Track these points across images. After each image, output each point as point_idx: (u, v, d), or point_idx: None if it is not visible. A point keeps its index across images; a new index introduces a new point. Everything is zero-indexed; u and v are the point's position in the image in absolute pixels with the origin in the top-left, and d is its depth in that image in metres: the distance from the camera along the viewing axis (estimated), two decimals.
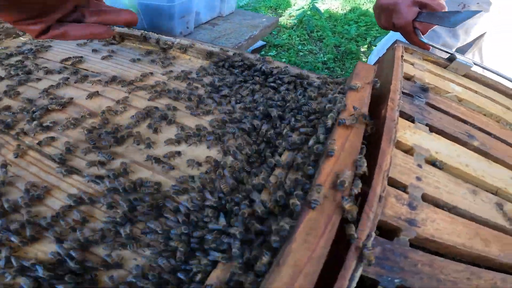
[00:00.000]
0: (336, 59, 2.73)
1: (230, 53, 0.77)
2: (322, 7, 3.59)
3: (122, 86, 0.70)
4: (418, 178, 0.40)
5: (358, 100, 0.48)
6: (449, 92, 0.61)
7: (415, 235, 0.35)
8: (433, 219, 0.37)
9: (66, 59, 0.79)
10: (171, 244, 0.38)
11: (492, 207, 0.42)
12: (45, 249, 0.40)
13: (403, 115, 0.49)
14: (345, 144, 0.39)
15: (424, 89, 0.58)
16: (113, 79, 0.71)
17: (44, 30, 0.51)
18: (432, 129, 0.49)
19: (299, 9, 3.28)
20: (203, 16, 1.28)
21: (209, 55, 0.78)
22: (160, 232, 0.40)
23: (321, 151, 0.41)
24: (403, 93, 0.54)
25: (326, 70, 2.58)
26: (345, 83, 0.55)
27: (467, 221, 0.38)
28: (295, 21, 3.22)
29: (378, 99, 0.55)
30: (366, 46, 2.97)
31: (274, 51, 2.72)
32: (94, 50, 0.83)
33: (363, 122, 0.44)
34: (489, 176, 0.45)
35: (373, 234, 0.31)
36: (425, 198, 0.39)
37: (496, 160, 0.50)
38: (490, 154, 0.50)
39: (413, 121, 0.49)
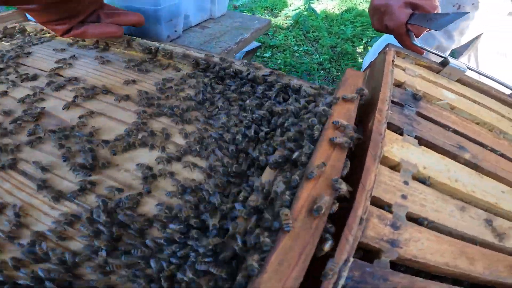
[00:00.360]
0: (332, 60, 2.75)
1: (216, 59, 0.77)
2: (318, 7, 3.61)
3: (102, 95, 0.70)
4: (404, 196, 0.40)
5: (345, 113, 0.47)
6: (440, 100, 0.61)
7: (397, 256, 0.34)
8: (417, 239, 0.36)
9: (55, 68, 0.78)
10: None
11: (481, 223, 0.42)
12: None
13: (391, 126, 0.49)
14: (327, 162, 0.38)
15: (415, 97, 0.58)
16: (93, 88, 0.70)
17: (68, 29, 0.67)
18: (422, 141, 0.49)
19: (295, 10, 3.29)
20: (193, 19, 1.27)
21: (195, 63, 0.78)
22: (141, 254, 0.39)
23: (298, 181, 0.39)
24: (392, 102, 0.54)
25: (322, 71, 2.60)
26: (333, 94, 0.55)
27: (452, 239, 0.38)
28: (291, 21, 3.24)
29: (367, 107, 0.55)
30: (362, 46, 3.00)
31: (269, 52, 2.73)
32: (73, 57, 0.83)
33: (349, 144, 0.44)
34: (480, 191, 0.45)
35: (351, 259, 0.30)
36: (410, 216, 0.39)
37: (488, 173, 0.50)
38: (482, 167, 0.49)
39: (401, 133, 0.48)
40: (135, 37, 0.87)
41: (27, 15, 1.03)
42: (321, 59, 2.71)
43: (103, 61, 0.79)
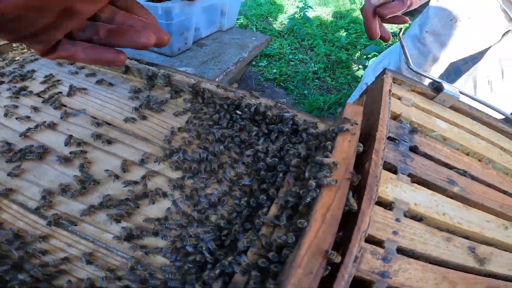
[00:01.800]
0: (326, 68, 2.94)
1: (213, 88, 0.87)
2: (312, 13, 3.82)
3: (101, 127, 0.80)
4: (395, 232, 0.51)
5: (345, 155, 0.58)
6: (434, 131, 0.72)
7: (387, 285, 0.45)
8: (406, 269, 0.48)
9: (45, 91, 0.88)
10: None
11: (464, 251, 0.53)
12: None
13: (386, 165, 0.61)
14: (326, 214, 0.49)
15: (410, 130, 0.69)
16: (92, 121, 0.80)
17: (49, 49, 0.47)
18: (414, 177, 0.60)
19: (289, 17, 3.47)
20: (203, 31, 1.42)
21: (195, 93, 0.88)
22: None
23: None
24: (388, 137, 0.66)
25: (316, 80, 2.77)
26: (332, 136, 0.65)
27: (436, 267, 0.50)
28: (286, 29, 3.42)
29: (364, 140, 0.66)
30: (356, 54, 3.19)
31: (265, 61, 2.86)
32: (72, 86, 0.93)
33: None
34: (466, 222, 0.57)
35: None
36: (401, 249, 0.50)
37: (475, 204, 0.61)
38: (469, 199, 0.61)
39: (395, 172, 0.60)
40: (134, 61, 0.97)
41: None
42: (316, 68, 2.88)
43: (94, 87, 0.90)
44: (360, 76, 2.87)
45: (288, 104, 2.54)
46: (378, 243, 0.50)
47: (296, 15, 3.50)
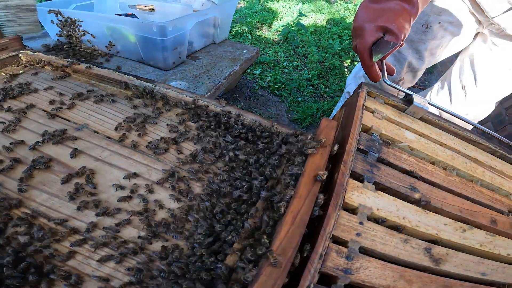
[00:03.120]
0: (320, 75, 3.06)
1: (202, 103, 0.95)
2: (307, 21, 3.94)
3: (105, 140, 0.88)
4: (358, 234, 0.59)
5: (316, 166, 0.67)
6: (402, 142, 0.81)
7: (350, 281, 0.53)
8: (366, 267, 0.56)
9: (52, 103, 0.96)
10: None
11: (421, 251, 0.61)
12: None
13: (354, 174, 0.69)
14: (296, 218, 0.57)
15: (379, 142, 0.78)
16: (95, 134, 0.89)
17: None
18: (379, 185, 0.69)
19: (284, 25, 3.57)
20: (197, 44, 1.52)
21: (189, 110, 0.97)
22: None
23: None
24: (358, 149, 0.74)
25: (310, 87, 2.88)
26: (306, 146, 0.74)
27: (394, 266, 0.57)
28: (281, 36, 3.52)
29: (339, 149, 0.74)
30: (349, 61, 3.31)
31: (260, 69, 2.96)
32: (79, 94, 1.01)
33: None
34: (423, 225, 0.65)
35: (312, 286, 0.49)
36: (363, 250, 0.58)
37: (435, 209, 0.70)
38: (429, 204, 0.69)
39: (362, 181, 0.68)
40: (132, 77, 1.05)
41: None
42: (310, 75, 2.99)
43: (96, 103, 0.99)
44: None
45: (283, 111, 2.63)
46: (343, 243, 0.58)
47: (291, 23, 3.61)
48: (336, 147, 0.73)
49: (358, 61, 3.17)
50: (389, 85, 0.96)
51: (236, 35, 3.63)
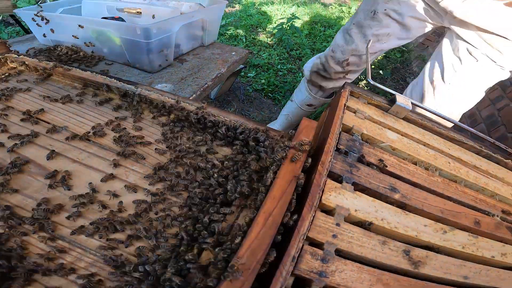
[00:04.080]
0: None
1: (189, 106, 0.94)
2: (302, 23, 3.96)
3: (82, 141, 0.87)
4: (334, 236, 0.58)
5: (292, 168, 0.66)
6: (384, 142, 0.80)
7: (324, 284, 0.52)
8: (342, 270, 0.54)
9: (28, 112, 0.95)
10: None
11: (399, 254, 0.60)
12: None
13: (333, 175, 0.68)
14: (268, 219, 0.56)
15: (360, 142, 0.77)
16: (74, 136, 0.87)
17: None
18: (358, 186, 0.67)
19: (278, 27, 3.58)
20: (184, 47, 1.52)
21: (168, 111, 0.96)
22: None
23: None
24: (338, 149, 0.73)
25: None
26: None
27: (371, 269, 0.56)
28: (275, 39, 3.53)
29: (319, 148, 0.73)
30: None
31: (254, 72, 2.95)
32: (56, 100, 1.00)
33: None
34: (402, 227, 0.64)
35: None
36: (339, 252, 0.56)
37: (415, 209, 0.68)
38: (409, 205, 0.68)
39: (341, 181, 0.67)
40: (114, 79, 1.04)
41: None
42: None
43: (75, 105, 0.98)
44: None
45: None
46: (319, 245, 0.57)
47: (285, 26, 3.61)
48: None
49: None
50: (372, 85, 0.95)
51: (230, 38, 3.63)
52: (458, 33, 1.27)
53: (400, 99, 0.89)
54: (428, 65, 1.44)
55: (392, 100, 0.91)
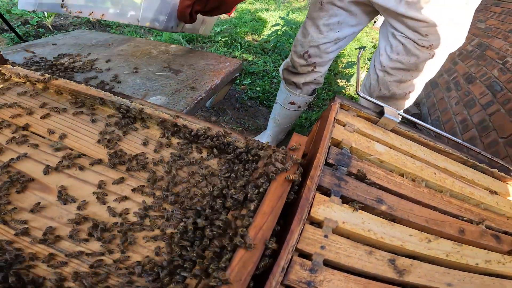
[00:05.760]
0: None
1: (182, 121, 0.99)
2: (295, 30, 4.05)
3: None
4: (322, 247, 0.62)
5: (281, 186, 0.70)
6: (371, 155, 0.84)
7: None
8: (330, 280, 0.58)
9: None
10: None
11: (385, 263, 0.64)
12: None
13: (322, 188, 0.72)
14: (258, 234, 0.60)
15: (349, 156, 0.81)
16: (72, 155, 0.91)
17: None
18: (346, 199, 0.72)
19: (272, 35, 3.65)
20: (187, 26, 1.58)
21: (162, 124, 1.00)
22: None
23: None
24: (327, 163, 0.78)
25: None
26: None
27: (358, 278, 0.60)
28: (270, 46, 3.60)
29: (309, 161, 0.78)
30: (337, 69, 3.39)
31: (249, 79, 3.01)
32: (57, 110, 1.04)
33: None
34: (388, 237, 0.68)
35: None
36: (327, 262, 0.61)
37: (401, 220, 0.73)
38: (396, 216, 0.72)
39: (329, 195, 0.71)
40: (109, 94, 1.08)
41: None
42: None
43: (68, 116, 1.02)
44: (340, 92, 3.03)
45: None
46: (307, 256, 0.61)
47: (279, 32, 3.69)
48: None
49: (349, 70, 3.25)
50: (361, 96, 1.00)
51: (226, 45, 3.70)
52: (392, 24, 1.38)
53: (388, 111, 0.95)
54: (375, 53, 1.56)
55: (380, 112, 0.96)
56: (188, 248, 0.63)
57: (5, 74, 1.19)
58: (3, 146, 0.91)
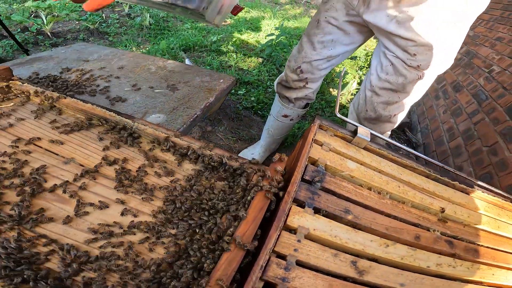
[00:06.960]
0: None
1: (178, 141, 1.15)
2: (291, 38, 4.23)
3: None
4: (296, 250, 0.78)
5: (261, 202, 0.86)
6: (344, 172, 1.01)
7: (287, 287, 0.72)
8: (301, 276, 0.74)
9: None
10: None
11: (348, 264, 0.80)
12: None
13: (298, 201, 0.88)
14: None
15: (323, 173, 0.97)
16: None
17: None
18: (318, 210, 0.88)
19: (268, 45, 3.82)
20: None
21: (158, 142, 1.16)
22: None
23: None
24: (304, 180, 0.94)
25: None
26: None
27: (325, 276, 0.76)
28: (265, 55, 3.77)
29: (289, 176, 0.94)
30: (330, 78, 3.57)
31: (244, 89, 3.18)
32: (67, 129, 1.19)
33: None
34: (352, 242, 0.84)
35: None
36: (299, 262, 0.76)
37: (364, 228, 0.89)
38: (360, 224, 0.89)
39: (304, 206, 0.87)
40: (114, 114, 1.24)
41: None
42: None
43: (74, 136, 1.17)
44: (333, 101, 3.20)
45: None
46: (283, 257, 0.77)
47: (274, 42, 3.87)
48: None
49: (342, 79, 3.42)
50: (339, 118, 1.17)
51: (221, 54, 3.87)
52: (378, 38, 1.51)
53: (361, 131, 1.11)
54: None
55: (355, 132, 1.13)
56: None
57: (15, 90, 1.34)
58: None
